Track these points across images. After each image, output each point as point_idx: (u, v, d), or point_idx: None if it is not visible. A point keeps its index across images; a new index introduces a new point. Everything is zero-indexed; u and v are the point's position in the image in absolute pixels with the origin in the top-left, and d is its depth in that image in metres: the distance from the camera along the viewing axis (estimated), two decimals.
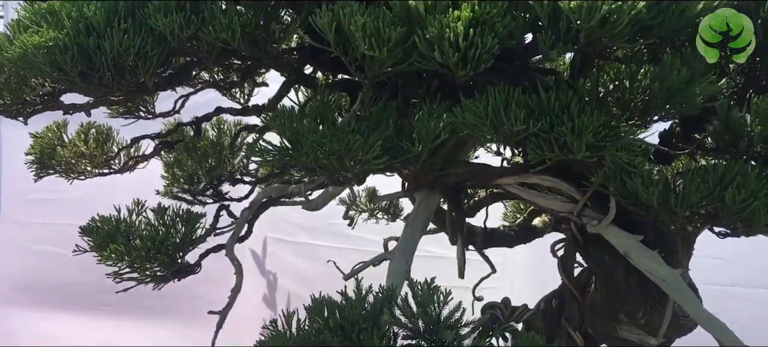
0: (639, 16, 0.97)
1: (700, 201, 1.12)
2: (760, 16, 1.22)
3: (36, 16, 1.15)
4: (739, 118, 1.14)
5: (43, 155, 1.73)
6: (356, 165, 1.15)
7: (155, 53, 1.14)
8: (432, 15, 1.00)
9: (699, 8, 1.01)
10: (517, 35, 1.05)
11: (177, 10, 1.10)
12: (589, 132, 1.03)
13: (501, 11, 0.99)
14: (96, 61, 1.12)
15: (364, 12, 1.04)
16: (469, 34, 0.97)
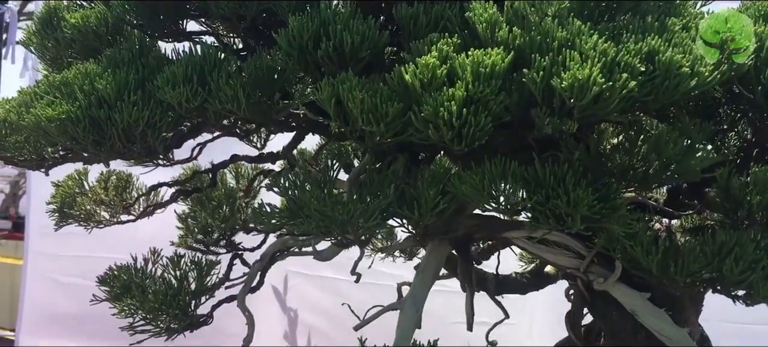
0: (631, 93, 0.99)
1: (700, 270, 1.12)
2: (760, 81, 1.22)
3: (51, 87, 1.19)
4: (739, 186, 1.14)
5: (64, 204, 1.78)
6: (358, 231, 1.17)
7: (164, 122, 1.18)
8: (428, 92, 1.03)
9: (692, 84, 1.01)
10: (513, 111, 1.06)
11: (184, 82, 1.14)
12: (584, 206, 1.04)
13: (495, 90, 1.01)
14: (107, 131, 1.16)
15: (362, 87, 1.07)
16: (463, 113, 0.99)
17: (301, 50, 1.13)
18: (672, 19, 1.15)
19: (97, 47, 1.33)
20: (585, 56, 1.00)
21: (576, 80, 0.97)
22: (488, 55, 1.02)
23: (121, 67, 1.20)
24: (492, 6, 1.11)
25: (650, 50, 1.03)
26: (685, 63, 1.02)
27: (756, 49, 1.24)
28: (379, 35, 1.14)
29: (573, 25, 1.05)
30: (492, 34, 1.08)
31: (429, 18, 1.15)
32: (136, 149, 1.22)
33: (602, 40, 1.02)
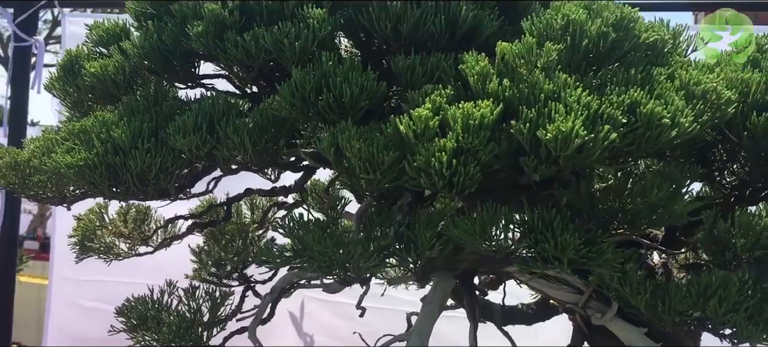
0: (613, 144, 1.04)
1: (687, 310, 1.17)
2: (746, 127, 1.26)
3: (70, 134, 1.27)
4: (724, 229, 1.18)
5: (85, 237, 1.86)
6: (358, 270, 1.24)
7: (175, 167, 1.25)
8: (421, 142, 1.08)
9: (673, 134, 1.06)
10: (504, 159, 1.12)
11: (194, 130, 1.21)
12: (570, 250, 1.10)
13: (483, 141, 1.07)
14: (122, 176, 1.23)
15: (360, 136, 1.13)
16: (453, 163, 1.05)
17: (303, 100, 1.20)
18: (658, 69, 1.20)
19: (115, 93, 1.40)
20: (569, 109, 1.06)
21: (560, 132, 1.03)
22: (478, 108, 1.08)
23: (136, 115, 1.28)
24: (484, 58, 1.17)
25: (632, 102, 1.08)
26: (666, 114, 1.07)
27: (743, 95, 1.29)
28: (377, 86, 1.20)
29: (559, 78, 1.11)
30: (483, 85, 1.14)
31: (424, 69, 1.22)
32: (150, 191, 1.29)
33: (586, 92, 1.08)
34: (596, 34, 1.16)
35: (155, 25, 1.34)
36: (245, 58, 1.26)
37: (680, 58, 1.29)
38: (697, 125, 1.09)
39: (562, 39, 1.18)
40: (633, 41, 1.18)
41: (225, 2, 1.26)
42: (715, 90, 1.14)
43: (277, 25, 1.23)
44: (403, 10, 1.24)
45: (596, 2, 1.23)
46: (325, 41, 1.24)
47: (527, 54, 1.15)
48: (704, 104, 1.13)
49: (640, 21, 1.21)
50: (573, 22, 1.17)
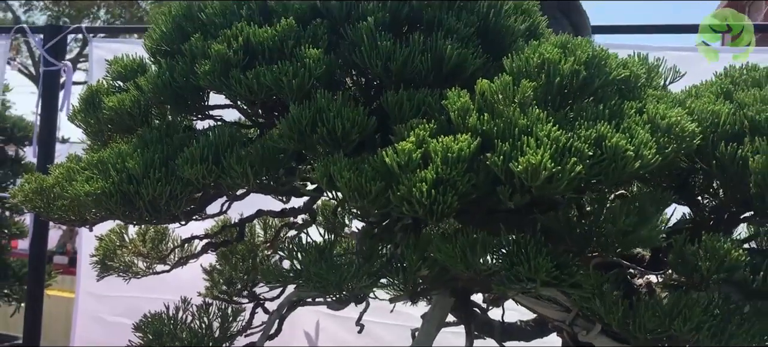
0: (579, 175, 1.13)
1: (655, 328, 1.25)
2: (714, 156, 1.35)
3: (89, 164, 1.39)
4: (692, 252, 1.27)
5: (105, 257, 1.99)
6: (352, 291, 1.34)
7: (184, 195, 1.36)
8: (404, 173, 1.19)
9: (637, 166, 1.15)
10: (481, 188, 1.21)
11: (201, 161, 1.32)
12: (542, 272, 1.19)
13: (461, 172, 1.16)
14: (136, 203, 1.35)
15: (350, 167, 1.24)
16: (432, 193, 1.15)
17: (300, 133, 1.31)
18: (629, 103, 1.29)
19: (132, 125, 1.52)
20: (540, 142, 1.15)
21: (530, 164, 1.12)
22: (457, 141, 1.18)
23: (149, 147, 1.40)
24: (465, 95, 1.27)
25: (599, 136, 1.17)
26: (630, 147, 1.16)
27: (714, 125, 1.38)
28: (366, 120, 1.31)
29: (532, 114, 1.20)
30: (463, 120, 1.24)
31: (411, 104, 1.32)
32: (162, 216, 1.40)
33: (556, 127, 1.17)
34: (569, 72, 1.26)
35: (167, 63, 1.46)
36: (249, 93, 1.38)
37: (654, 92, 1.38)
38: (659, 156, 1.17)
39: (538, 76, 1.28)
40: (603, 78, 1.27)
41: (230, 43, 1.37)
42: (679, 123, 1.22)
43: (277, 64, 1.34)
44: (392, 49, 1.35)
45: (571, 41, 1.32)
46: (321, 78, 1.35)
47: (504, 90, 1.25)
48: (669, 136, 1.22)
49: (612, 58, 1.30)
50: (547, 61, 1.26)
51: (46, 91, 4.08)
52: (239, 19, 1.43)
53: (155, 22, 1.55)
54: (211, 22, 1.44)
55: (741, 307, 1.25)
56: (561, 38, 1.35)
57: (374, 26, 1.37)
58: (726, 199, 1.41)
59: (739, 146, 1.32)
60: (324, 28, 1.40)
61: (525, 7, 1.52)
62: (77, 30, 4.12)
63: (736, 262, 1.22)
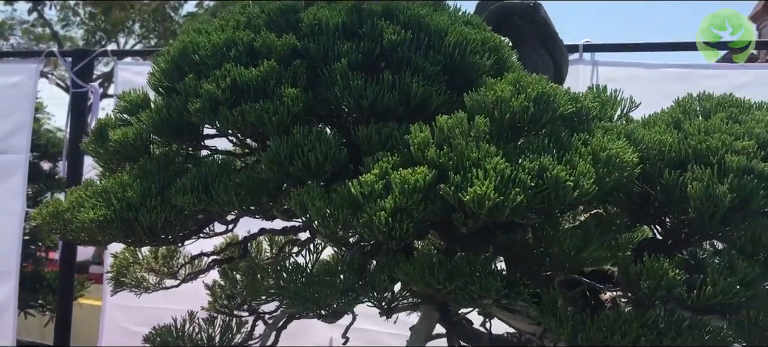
0: (521, 204, 1.26)
1: (601, 342, 1.37)
2: (659, 182, 1.46)
3: (94, 194, 1.56)
4: (635, 272, 1.38)
5: (119, 273, 2.15)
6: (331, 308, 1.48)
7: (178, 221, 1.52)
8: (368, 202, 1.32)
9: (575, 195, 1.28)
10: (439, 214, 1.35)
11: (192, 190, 1.48)
12: (493, 291, 1.32)
13: (417, 202, 1.30)
14: (135, 228, 1.51)
15: (321, 196, 1.38)
16: (390, 220, 1.28)
17: (280, 165, 1.45)
18: (578, 135, 1.41)
19: (135, 155, 1.68)
20: (487, 174, 1.28)
21: (476, 195, 1.25)
22: (414, 173, 1.32)
23: (148, 177, 1.55)
24: (426, 129, 1.41)
25: (541, 167, 1.30)
26: (569, 178, 1.28)
27: (661, 153, 1.49)
28: (339, 153, 1.45)
29: (483, 148, 1.33)
30: (423, 153, 1.37)
31: (380, 137, 1.45)
32: (159, 240, 1.56)
33: (502, 160, 1.30)
34: (519, 109, 1.38)
35: (165, 100, 1.62)
36: (235, 128, 1.53)
37: (605, 123, 1.50)
38: (597, 186, 1.29)
39: (492, 112, 1.41)
40: (550, 113, 1.39)
41: (218, 82, 1.53)
42: (618, 155, 1.34)
43: (260, 102, 1.49)
44: (363, 87, 1.48)
45: (525, 79, 1.45)
46: (299, 114, 1.50)
47: (460, 126, 1.38)
48: (608, 167, 1.34)
49: (561, 95, 1.42)
50: (499, 99, 1.39)
51: (75, 111, 4.30)
52: (228, 60, 1.58)
53: (156, 62, 1.70)
54: (204, 62, 1.60)
55: (680, 322, 1.36)
56: (516, 76, 1.48)
57: (348, 67, 1.51)
58: (674, 222, 1.52)
59: (682, 174, 1.44)
60: (303, 68, 1.55)
61: (492, 44, 1.64)
62: (104, 53, 4.34)
63: (673, 281, 1.33)
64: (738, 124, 1.50)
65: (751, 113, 1.56)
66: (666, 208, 1.56)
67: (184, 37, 1.71)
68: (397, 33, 1.55)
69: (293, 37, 1.58)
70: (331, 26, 1.57)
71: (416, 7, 1.62)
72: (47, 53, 4.43)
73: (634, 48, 3.44)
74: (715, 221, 1.39)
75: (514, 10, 2.07)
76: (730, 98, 1.63)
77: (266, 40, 1.58)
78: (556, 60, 2.04)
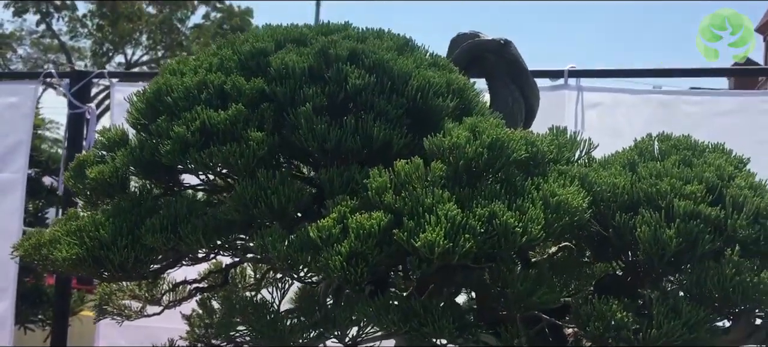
0: (470, 250, 1.31)
1: None
2: (612, 224, 1.51)
3: (69, 232, 1.61)
4: (585, 313, 1.43)
5: (102, 301, 2.21)
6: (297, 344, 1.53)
7: (148, 259, 1.57)
8: (326, 246, 1.38)
9: (523, 240, 1.33)
10: (394, 258, 1.40)
11: (161, 230, 1.53)
12: (445, 330, 1.36)
13: (371, 247, 1.35)
14: (106, 266, 1.56)
15: (282, 238, 1.43)
16: (344, 265, 1.33)
17: (245, 207, 1.51)
18: (534, 179, 1.46)
19: (111, 192, 1.74)
20: (439, 220, 1.33)
21: (427, 241, 1.30)
22: (369, 219, 1.37)
23: (120, 216, 1.61)
24: (385, 173, 1.46)
25: (492, 213, 1.35)
26: (518, 225, 1.33)
27: (614, 195, 1.54)
28: (302, 195, 1.50)
29: (437, 193, 1.38)
30: (380, 197, 1.42)
31: (342, 180, 1.51)
32: (131, 276, 1.62)
33: (454, 206, 1.35)
34: (473, 155, 1.43)
35: (139, 140, 1.68)
36: (205, 169, 1.58)
37: (560, 166, 1.54)
38: (545, 232, 1.34)
39: (449, 157, 1.46)
40: (504, 159, 1.44)
41: (189, 125, 1.58)
42: (567, 201, 1.39)
43: (227, 145, 1.55)
44: (326, 131, 1.54)
45: (481, 125, 1.50)
46: (265, 157, 1.55)
47: (417, 171, 1.43)
48: (558, 213, 1.39)
49: (515, 140, 1.47)
50: (455, 144, 1.44)
51: (72, 132, 4.37)
52: (199, 102, 1.63)
53: (132, 102, 1.76)
54: (176, 104, 1.65)
55: None
56: (474, 121, 1.53)
57: (312, 110, 1.56)
58: (628, 262, 1.57)
59: (634, 216, 1.48)
60: (271, 111, 1.60)
61: (456, 86, 1.70)
62: (100, 75, 4.41)
63: (620, 322, 1.38)
64: (689, 167, 1.55)
65: (704, 156, 1.61)
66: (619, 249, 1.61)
67: (160, 78, 1.77)
68: (361, 77, 1.60)
69: (262, 80, 1.64)
70: (298, 70, 1.62)
71: (382, 51, 1.68)
72: (45, 75, 4.51)
73: (617, 74, 3.49)
74: (664, 264, 1.44)
75: (486, 47, 2.12)
76: (685, 140, 1.67)
77: (236, 84, 1.63)
78: (526, 96, 2.09)
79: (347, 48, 1.67)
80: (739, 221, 1.43)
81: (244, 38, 1.80)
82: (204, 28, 21.62)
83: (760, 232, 1.44)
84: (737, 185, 1.51)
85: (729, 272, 1.37)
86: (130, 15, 21.03)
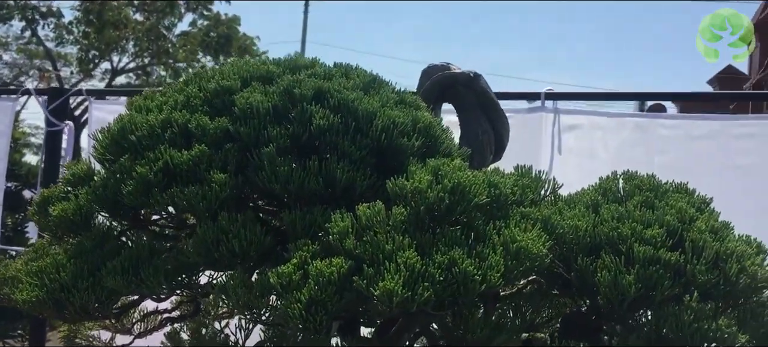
0: (429, 299, 1.31)
1: None
2: (574, 267, 1.51)
3: (29, 273, 1.60)
4: None
5: (70, 331, 2.19)
6: None
7: (110, 301, 1.56)
8: (286, 292, 1.37)
9: (482, 287, 1.33)
10: (356, 304, 1.39)
11: (122, 273, 1.52)
12: None
13: (331, 295, 1.34)
14: (67, 308, 1.55)
15: (243, 283, 1.42)
16: (303, 314, 1.33)
17: (207, 250, 1.50)
18: (495, 223, 1.46)
19: (75, 230, 1.73)
20: (398, 268, 1.33)
21: (385, 290, 1.30)
22: (329, 266, 1.37)
23: (83, 256, 1.60)
24: (346, 218, 1.46)
25: (451, 261, 1.35)
26: (476, 272, 1.33)
27: (577, 237, 1.54)
28: (264, 239, 1.50)
29: (398, 240, 1.38)
30: (341, 243, 1.42)
31: (304, 223, 1.50)
32: (93, 317, 1.60)
33: (414, 253, 1.35)
34: (434, 200, 1.43)
35: (101, 179, 1.67)
36: (166, 211, 1.57)
37: (523, 209, 1.54)
38: (503, 280, 1.34)
39: (411, 201, 1.46)
40: (465, 204, 1.44)
41: (151, 165, 1.58)
42: (527, 247, 1.39)
43: (190, 186, 1.54)
44: (289, 172, 1.54)
45: (443, 168, 1.50)
46: (228, 199, 1.54)
47: (378, 215, 1.43)
48: (519, 258, 1.39)
49: (477, 185, 1.47)
50: (416, 189, 1.44)
51: (50, 147, 4.34)
52: (163, 141, 1.63)
53: (97, 139, 1.75)
54: (140, 142, 1.65)
55: None
56: (437, 164, 1.53)
57: (276, 151, 1.56)
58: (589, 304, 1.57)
59: (595, 260, 1.49)
60: (235, 151, 1.60)
61: (422, 124, 1.70)
62: (78, 93, 4.39)
63: None
64: (651, 210, 1.55)
65: (667, 197, 1.61)
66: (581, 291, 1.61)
67: (125, 115, 1.77)
68: (326, 118, 1.60)
69: (226, 120, 1.64)
70: (263, 110, 1.62)
71: (347, 90, 1.68)
72: (23, 92, 4.48)
73: (594, 97, 3.50)
74: (624, 309, 1.44)
75: (456, 79, 2.12)
76: (648, 181, 1.68)
77: (200, 123, 1.63)
78: (496, 128, 2.09)
79: (312, 87, 1.66)
80: (698, 267, 1.43)
81: (210, 74, 1.79)
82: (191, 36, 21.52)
83: (719, 277, 1.45)
84: (698, 228, 1.51)
85: (687, 318, 1.38)
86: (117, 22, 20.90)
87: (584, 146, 3.40)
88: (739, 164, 3.16)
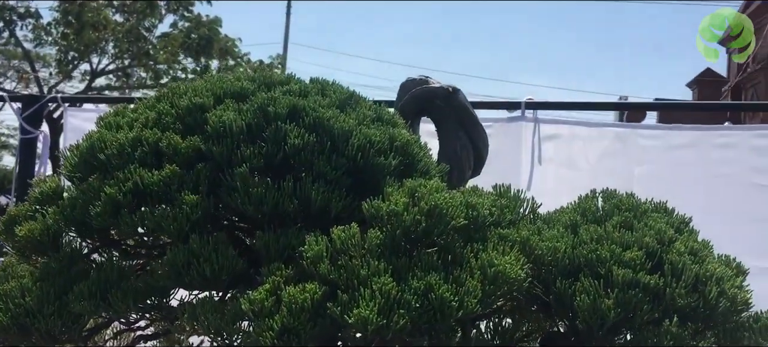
0: (405, 327, 1.28)
1: None
2: (552, 289, 1.49)
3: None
4: None
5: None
6: None
7: (77, 326, 1.51)
8: (257, 318, 1.33)
9: (460, 314, 1.30)
10: (330, 331, 1.36)
11: (89, 297, 1.48)
12: None
13: (304, 322, 1.31)
14: (33, 333, 1.50)
15: (215, 309, 1.39)
16: (275, 342, 1.29)
17: (177, 273, 1.46)
18: (472, 245, 1.43)
19: (42, 250, 1.68)
20: (373, 295, 1.30)
21: (360, 317, 1.27)
22: (303, 292, 1.33)
23: (49, 279, 1.55)
24: (321, 241, 1.42)
25: (427, 287, 1.32)
26: (453, 299, 1.30)
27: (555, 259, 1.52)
28: (236, 263, 1.46)
29: (373, 265, 1.35)
30: (316, 267, 1.39)
31: (278, 246, 1.47)
32: (60, 341, 1.56)
33: (390, 279, 1.32)
34: (411, 223, 1.40)
35: (69, 199, 1.62)
36: (135, 233, 1.53)
37: (501, 230, 1.52)
38: (480, 306, 1.32)
39: (387, 224, 1.43)
40: (442, 226, 1.42)
41: (121, 186, 1.53)
42: (504, 271, 1.37)
43: (160, 207, 1.50)
44: (263, 193, 1.50)
45: (420, 190, 1.47)
46: (199, 220, 1.50)
47: (353, 239, 1.40)
48: (496, 283, 1.36)
49: (454, 207, 1.44)
50: (392, 212, 1.41)
51: (24, 156, 4.27)
52: (133, 160, 1.58)
53: (65, 157, 1.71)
54: (109, 161, 1.60)
55: None
56: (414, 185, 1.50)
57: (249, 172, 1.52)
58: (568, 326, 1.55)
59: (574, 282, 1.46)
60: (207, 171, 1.56)
61: (399, 142, 1.66)
62: (53, 100, 4.32)
63: None
64: (630, 231, 1.53)
65: (646, 217, 1.59)
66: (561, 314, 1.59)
67: (94, 132, 1.72)
68: (300, 137, 1.57)
69: (198, 139, 1.60)
70: (236, 129, 1.58)
71: (323, 108, 1.64)
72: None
73: (573, 106, 3.49)
74: (604, 332, 1.42)
75: (434, 94, 2.09)
76: (627, 200, 1.66)
77: (171, 142, 1.59)
78: (475, 144, 2.07)
79: (287, 105, 1.63)
80: (677, 290, 1.41)
81: (183, 91, 1.75)
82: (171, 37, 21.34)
83: (698, 300, 1.43)
84: (677, 250, 1.49)
85: (667, 343, 1.35)
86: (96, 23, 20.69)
87: (564, 155, 3.39)
88: (719, 173, 3.16)
